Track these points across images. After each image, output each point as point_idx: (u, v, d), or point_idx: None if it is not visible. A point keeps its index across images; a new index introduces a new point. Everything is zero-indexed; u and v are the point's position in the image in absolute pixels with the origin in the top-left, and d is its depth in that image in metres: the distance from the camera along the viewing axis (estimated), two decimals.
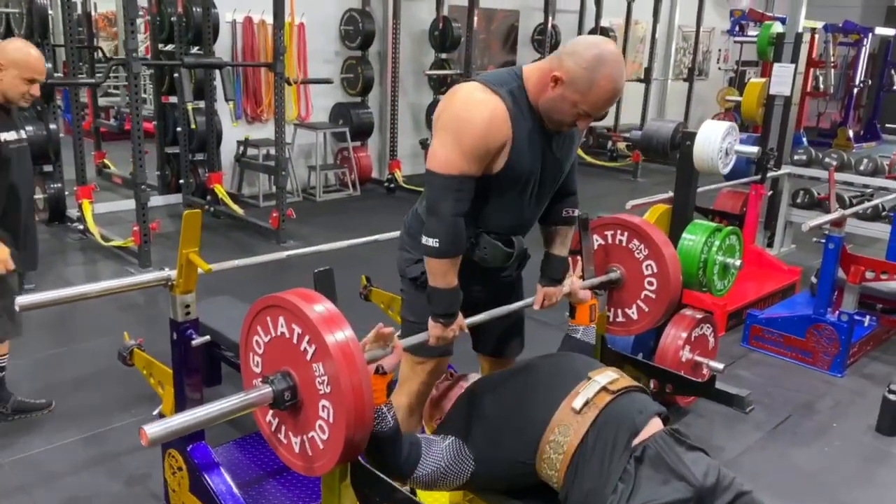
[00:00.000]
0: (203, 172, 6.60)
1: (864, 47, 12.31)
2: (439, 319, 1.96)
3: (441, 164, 1.87)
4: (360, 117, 7.65)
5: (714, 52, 12.92)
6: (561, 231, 2.27)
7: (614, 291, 2.68)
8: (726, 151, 3.19)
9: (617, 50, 1.89)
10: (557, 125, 1.96)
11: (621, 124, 10.34)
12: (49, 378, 3.48)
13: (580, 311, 2.38)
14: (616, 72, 1.83)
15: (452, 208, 1.87)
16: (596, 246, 2.66)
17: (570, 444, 1.80)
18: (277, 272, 4.58)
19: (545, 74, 1.88)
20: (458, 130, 1.85)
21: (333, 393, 1.51)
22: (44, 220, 5.87)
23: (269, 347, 1.66)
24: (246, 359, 1.75)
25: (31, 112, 5.63)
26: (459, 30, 7.82)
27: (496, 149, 1.89)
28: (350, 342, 1.53)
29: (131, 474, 2.73)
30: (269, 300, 1.64)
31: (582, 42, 1.88)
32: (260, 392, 1.57)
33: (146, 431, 1.39)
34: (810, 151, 5.75)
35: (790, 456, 3.08)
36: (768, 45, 6.22)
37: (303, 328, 1.55)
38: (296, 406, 1.60)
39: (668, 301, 2.58)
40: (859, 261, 3.89)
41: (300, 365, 1.57)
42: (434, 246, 1.89)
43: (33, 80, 2.81)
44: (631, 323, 2.69)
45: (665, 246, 2.58)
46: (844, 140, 11.95)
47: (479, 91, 1.88)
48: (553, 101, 1.88)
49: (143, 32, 8.02)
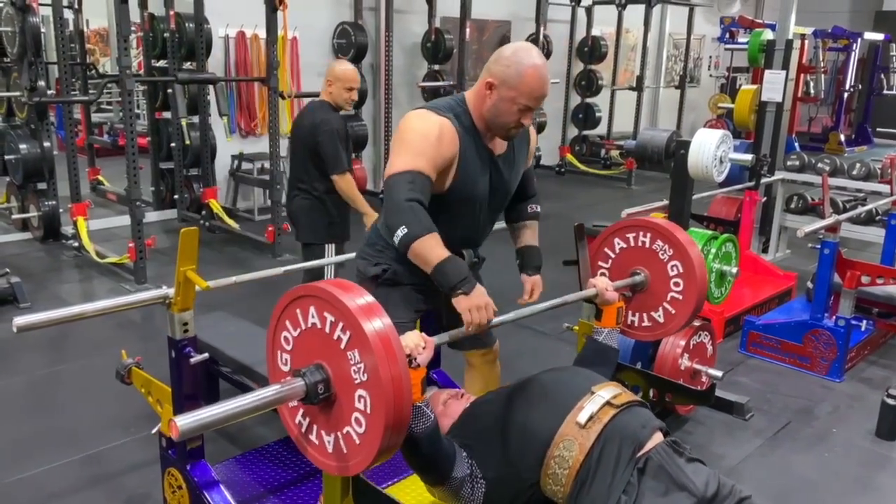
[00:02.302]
0: (198, 187, 6.60)
1: (854, 52, 12.39)
2: (458, 292, 1.91)
3: (395, 168, 1.99)
4: (354, 130, 7.63)
5: (705, 59, 13.00)
6: (529, 225, 2.41)
7: (638, 295, 2.61)
8: (720, 159, 3.20)
9: (530, 44, 2.11)
10: (505, 130, 2.09)
11: (614, 132, 10.38)
12: (46, 397, 3.46)
13: (606, 313, 2.35)
14: (538, 59, 2.01)
15: (407, 194, 1.94)
16: (618, 249, 2.64)
17: (576, 459, 1.79)
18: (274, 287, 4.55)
19: (480, 89, 2.06)
20: (412, 139, 2.01)
21: (371, 381, 1.44)
22: (38, 237, 5.86)
23: (299, 342, 1.60)
24: (273, 357, 1.68)
25: (24, 129, 5.63)
26: (452, 41, 7.85)
27: (447, 158, 2.03)
28: (389, 331, 1.47)
29: (130, 494, 2.71)
30: (299, 290, 1.57)
31: (501, 49, 2.07)
32: (292, 385, 1.50)
33: (177, 424, 1.32)
34: (803, 157, 5.78)
35: (790, 462, 3.08)
36: (759, 52, 6.26)
37: (336, 316, 1.49)
38: (329, 400, 1.54)
39: (695, 302, 2.49)
40: (855, 265, 3.90)
41: (334, 355, 1.51)
42: (404, 233, 1.92)
43: (352, 88, 3.66)
44: (657, 326, 2.61)
45: (690, 245, 2.52)
46: (836, 145, 12.00)
47: (429, 114, 2.06)
48: (494, 107, 2.04)
49: (136, 48, 8.03)
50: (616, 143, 9.97)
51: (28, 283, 4.70)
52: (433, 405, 2.17)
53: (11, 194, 6.16)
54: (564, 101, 10.22)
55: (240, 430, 3.14)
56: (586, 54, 10.10)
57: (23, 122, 5.75)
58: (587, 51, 10.08)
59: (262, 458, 2.66)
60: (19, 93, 5.56)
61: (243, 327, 3.27)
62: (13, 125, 5.81)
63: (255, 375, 2.79)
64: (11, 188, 6.11)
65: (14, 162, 5.59)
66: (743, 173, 5.26)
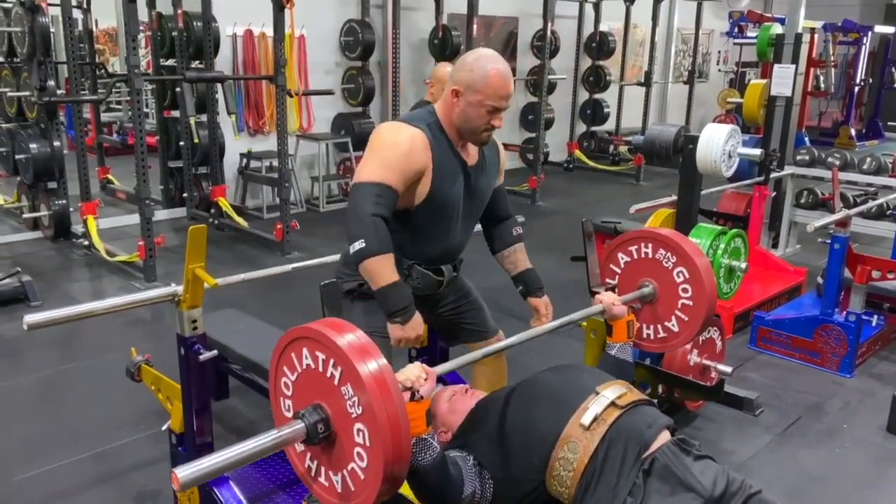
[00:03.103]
0: (206, 186, 6.62)
1: (864, 46, 12.31)
2: (395, 319, 2.01)
3: (364, 176, 2.04)
4: (362, 127, 7.66)
5: (714, 54, 12.94)
6: (518, 249, 2.46)
7: (649, 306, 2.59)
8: (729, 154, 3.19)
9: (491, 49, 2.19)
10: (477, 134, 2.14)
11: (622, 128, 10.35)
12: (57, 395, 3.49)
13: (617, 327, 2.33)
14: (499, 62, 2.08)
15: (372, 209, 1.97)
16: (623, 264, 2.62)
17: (580, 461, 1.78)
18: (283, 284, 4.58)
19: (448, 98, 2.12)
20: (382, 150, 2.06)
21: (366, 415, 1.45)
22: (49, 236, 5.90)
23: (297, 386, 1.62)
24: (277, 405, 1.69)
25: (34, 129, 5.67)
26: (459, 38, 7.84)
27: (417, 170, 2.07)
28: (382, 369, 1.47)
29: (141, 491, 2.72)
30: (292, 333, 1.59)
31: (463, 56, 2.15)
32: (292, 428, 1.51)
33: (178, 476, 1.33)
34: (813, 151, 5.74)
35: (801, 458, 3.06)
36: (768, 47, 6.22)
37: (327, 353, 1.51)
38: (330, 438, 1.54)
39: (706, 305, 2.46)
40: (865, 260, 3.87)
41: (329, 393, 1.52)
42: (361, 247, 1.96)
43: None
44: (672, 336, 2.56)
45: (693, 250, 2.50)
46: (847, 139, 11.93)
47: (401, 125, 2.12)
48: (463, 112, 2.10)
49: (145, 48, 8.06)
50: (624, 139, 9.93)
51: (39, 282, 4.73)
52: (438, 403, 2.17)
53: (22, 194, 6.20)
54: (572, 97, 10.20)
55: (250, 427, 3.15)
56: (594, 50, 10.07)
57: (33, 121, 5.79)
58: (595, 46, 10.05)
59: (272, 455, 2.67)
60: (29, 92, 5.60)
61: (252, 324, 3.28)
62: (23, 125, 5.85)
63: (265, 373, 2.79)
64: (22, 187, 6.15)
65: (24, 161, 5.62)
66: (752, 168, 5.24)
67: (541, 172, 8.01)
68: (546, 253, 5.48)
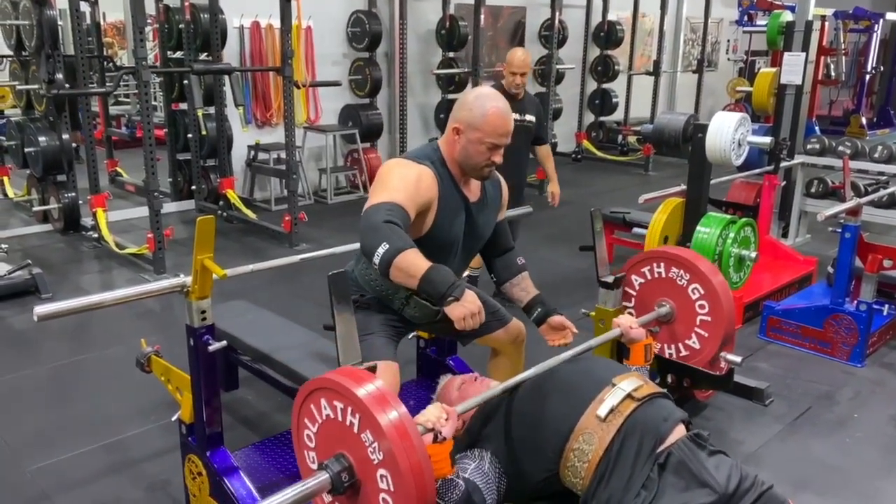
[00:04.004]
0: (215, 178, 6.63)
1: (876, 33, 12.18)
2: (449, 300, 1.86)
3: (373, 201, 2.01)
4: (369, 118, 7.65)
5: (723, 42, 12.83)
6: (525, 277, 2.48)
7: (667, 326, 2.56)
8: (739, 143, 3.17)
9: (489, 87, 2.29)
10: (479, 170, 2.19)
11: (631, 118, 10.30)
12: (68, 386, 3.51)
13: (634, 351, 2.30)
14: (498, 101, 2.15)
15: (385, 216, 1.93)
16: (638, 286, 2.61)
17: (595, 453, 1.78)
18: (291, 275, 4.59)
19: (449, 136, 2.19)
20: (391, 180, 2.07)
21: (387, 460, 1.44)
22: (59, 229, 5.93)
23: (320, 437, 1.62)
24: (301, 458, 1.69)
25: (43, 122, 5.68)
26: (466, 28, 7.81)
27: (426, 200, 2.11)
28: (402, 417, 1.46)
29: (152, 480, 2.74)
30: (310, 385, 1.58)
31: (464, 94, 2.24)
32: (317, 480, 1.50)
33: None
34: (823, 140, 5.69)
35: (811, 448, 3.05)
36: (778, 35, 6.17)
37: (345, 402, 1.50)
38: (355, 486, 1.54)
39: (726, 319, 2.44)
40: (876, 249, 3.85)
41: (351, 441, 1.51)
42: (385, 249, 1.86)
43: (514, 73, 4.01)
44: (695, 353, 2.54)
45: (706, 267, 2.47)
46: (857, 128, 11.83)
47: (408, 162, 2.16)
48: (464, 150, 2.16)
49: (152, 40, 8.06)
50: (633, 129, 9.89)
51: (49, 275, 4.75)
52: (448, 391, 2.17)
53: (32, 187, 6.23)
54: (581, 86, 10.15)
55: (259, 418, 3.17)
56: (602, 39, 10.01)
57: (42, 114, 5.80)
58: (603, 36, 9.99)
59: (281, 445, 2.68)
60: (38, 85, 5.61)
61: (262, 315, 3.29)
62: (32, 118, 5.87)
63: (274, 363, 2.81)
64: (32, 181, 6.18)
65: (34, 154, 5.64)
66: (762, 157, 5.20)
67: None
68: (554, 243, 5.46)
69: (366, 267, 2.29)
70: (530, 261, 2.53)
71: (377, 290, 2.28)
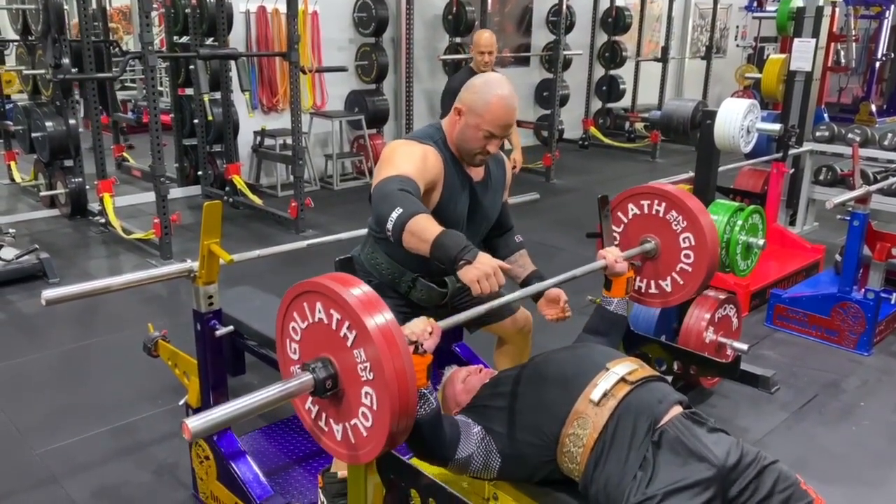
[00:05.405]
0: (221, 163, 6.63)
1: (887, 20, 12.07)
2: (461, 263, 1.77)
3: (381, 176, 2.00)
4: (376, 104, 7.63)
5: (732, 28, 12.73)
6: (523, 254, 2.46)
7: (648, 262, 2.62)
8: (748, 129, 3.14)
9: (502, 76, 2.21)
10: (472, 156, 2.16)
11: (639, 104, 10.24)
12: (76, 370, 3.53)
13: (616, 283, 2.36)
14: (506, 90, 2.10)
15: (398, 185, 1.92)
16: (631, 215, 2.62)
17: (590, 437, 1.78)
18: (297, 261, 4.60)
19: (452, 115, 2.16)
20: (395, 157, 2.05)
21: (376, 380, 1.47)
22: (65, 214, 5.94)
23: (307, 333, 1.61)
24: (283, 345, 1.70)
25: (49, 107, 5.68)
26: (473, 13, 7.77)
27: (433, 176, 2.09)
28: (391, 325, 1.48)
29: (159, 464, 2.76)
30: (305, 286, 1.58)
31: (474, 78, 2.18)
32: (300, 380, 1.52)
33: (188, 426, 1.34)
34: (832, 127, 5.65)
35: (817, 436, 3.05)
36: (788, 20, 6.10)
37: (342, 314, 1.50)
38: (337, 394, 1.56)
39: (704, 275, 2.48)
40: (885, 237, 3.83)
41: (341, 351, 1.53)
42: (398, 214, 1.83)
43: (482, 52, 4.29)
44: (665, 295, 2.60)
45: (694, 205, 2.49)
46: (867, 115, 11.73)
47: (412, 142, 2.14)
48: (462, 132, 2.13)
49: (158, 25, 8.04)
50: (641, 116, 9.84)
51: (57, 259, 4.77)
52: (453, 383, 2.18)
53: (39, 172, 6.24)
54: (588, 73, 10.09)
55: None
56: (610, 25, 9.94)
57: (48, 99, 5.80)
58: (611, 21, 9.92)
59: (287, 428, 2.69)
60: (44, 70, 5.61)
61: (268, 301, 3.30)
62: (39, 103, 5.87)
63: None
64: (39, 166, 6.19)
65: (41, 139, 5.65)
66: (770, 145, 5.17)
67: (556, 150, 7.95)
68: (560, 230, 5.45)
69: (372, 251, 2.29)
70: (536, 248, 2.53)
71: (384, 275, 2.28)
